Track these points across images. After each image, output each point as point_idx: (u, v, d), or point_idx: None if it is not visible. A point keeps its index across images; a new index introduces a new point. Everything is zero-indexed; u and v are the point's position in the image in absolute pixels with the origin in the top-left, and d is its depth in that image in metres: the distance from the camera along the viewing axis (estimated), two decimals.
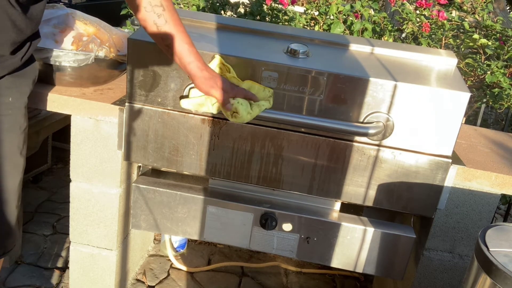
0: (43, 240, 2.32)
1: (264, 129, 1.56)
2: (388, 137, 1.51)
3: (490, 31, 2.81)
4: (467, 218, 1.64)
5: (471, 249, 1.68)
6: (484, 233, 1.19)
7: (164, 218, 1.74)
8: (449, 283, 1.73)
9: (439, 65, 1.62)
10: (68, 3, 4.44)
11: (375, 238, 1.65)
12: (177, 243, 2.31)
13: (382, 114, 1.49)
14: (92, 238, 1.83)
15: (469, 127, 2.02)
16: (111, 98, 1.69)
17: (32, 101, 1.51)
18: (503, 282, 1.06)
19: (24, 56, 1.34)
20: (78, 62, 1.65)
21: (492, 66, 2.45)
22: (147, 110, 1.59)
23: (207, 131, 1.58)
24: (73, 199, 1.79)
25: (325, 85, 1.48)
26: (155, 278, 2.17)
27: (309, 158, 1.57)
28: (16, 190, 1.41)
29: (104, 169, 1.73)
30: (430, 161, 1.53)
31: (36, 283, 2.05)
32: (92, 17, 1.83)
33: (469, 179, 1.59)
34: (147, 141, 1.63)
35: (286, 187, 1.62)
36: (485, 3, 2.88)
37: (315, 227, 1.67)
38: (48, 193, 2.73)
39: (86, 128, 1.69)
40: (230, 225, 1.71)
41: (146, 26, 1.36)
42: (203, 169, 1.63)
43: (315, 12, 2.54)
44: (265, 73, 1.49)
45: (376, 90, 1.47)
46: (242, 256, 2.39)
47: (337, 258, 1.70)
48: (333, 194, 1.61)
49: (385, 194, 1.58)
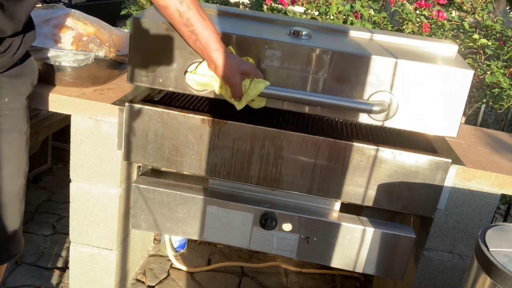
0: (43, 240, 2.32)
1: (264, 129, 1.56)
2: (392, 117, 1.49)
3: (490, 31, 2.81)
4: (467, 218, 1.64)
5: (471, 249, 1.68)
6: (484, 233, 1.19)
7: (164, 218, 1.74)
8: (449, 283, 1.73)
9: (441, 50, 1.62)
10: (68, 3, 4.44)
11: (375, 238, 1.65)
12: (177, 243, 2.31)
13: (386, 94, 1.46)
14: (92, 238, 1.83)
15: (469, 127, 2.02)
16: (111, 98, 1.69)
17: (32, 101, 1.50)
18: (503, 282, 1.06)
19: (15, 54, 1.30)
20: (78, 62, 1.65)
21: (492, 66, 2.45)
22: (147, 110, 1.59)
23: (207, 131, 1.58)
24: (73, 199, 1.79)
25: (328, 64, 1.46)
26: (155, 278, 2.17)
27: (309, 158, 1.57)
28: (17, 193, 1.39)
29: (104, 169, 1.73)
30: (430, 161, 1.53)
31: (36, 283, 2.05)
32: (92, 17, 1.83)
33: (469, 179, 1.59)
34: (147, 141, 1.63)
35: (286, 187, 1.62)
36: (485, 3, 2.88)
37: (315, 227, 1.67)
38: (48, 193, 2.73)
39: (86, 128, 1.69)
40: (230, 225, 1.71)
41: (168, 14, 1.38)
42: (203, 169, 1.63)
43: (315, 12, 2.54)
44: (268, 51, 1.47)
45: (379, 68, 1.45)
46: (242, 256, 2.39)
47: (337, 258, 1.70)
48: (333, 194, 1.61)
49: (385, 194, 1.58)
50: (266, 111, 1.55)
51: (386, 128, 1.79)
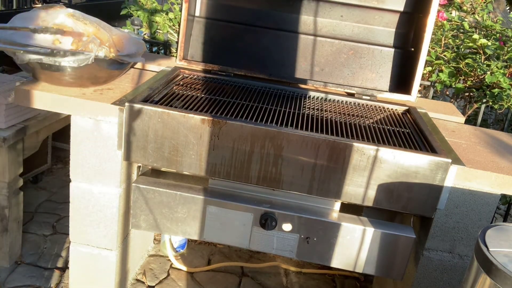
0: (43, 240, 2.32)
1: (264, 129, 1.56)
2: None
3: (490, 31, 2.81)
4: (467, 218, 1.64)
5: (471, 249, 1.68)
6: (484, 233, 1.19)
7: (164, 218, 1.74)
8: (449, 283, 1.73)
9: None
10: (68, 3, 4.45)
11: (375, 238, 1.65)
12: (177, 243, 2.31)
13: None
14: (92, 238, 1.83)
15: (469, 127, 2.02)
16: (111, 98, 1.69)
17: (32, 101, 1.50)
18: (503, 282, 1.06)
19: None
20: (78, 62, 1.65)
21: (492, 66, 2.45)
22: (147, 110, 1.59)
23: (207, 131, 1.58)
24: (73, 199, 1.79)
25: None
26: (155, 278, 2.17)
27: (309, 158, 1.57)
28: None
29: (104, 169, 1.73)
30: (430, 161, 1.53)
31: (36, 283, 2.05)
32: (92, 17, 1.83)
33: (469, 179, 1.59)
34: (147, 141, 1.63)
35: (286, 187, 1.62)
36: (485, 3, 2.89)
37: (315, 227, 1.67)
38: (48, 193, 2.73)
39: (86, 128, 1.69)
40: (230, 225, 1.71)
41: None
42: (203, 169, 1.63)
43: None
44: None
45: None
46: (242, 256, 2.39)
47: (337, 258, 1.70)
48: (333, 194, 1.61)
49: (385, 194, 1.58)
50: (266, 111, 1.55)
51: (386, 128, 1.79)
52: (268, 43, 2.17)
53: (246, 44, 2.18)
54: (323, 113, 1.85)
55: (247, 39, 2.18)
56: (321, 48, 2.16)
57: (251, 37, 2.18)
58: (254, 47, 2.18)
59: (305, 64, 2.17)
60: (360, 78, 2.16)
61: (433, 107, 2.15)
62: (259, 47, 2.18)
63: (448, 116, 2.08)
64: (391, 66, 2.15)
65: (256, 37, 2.17)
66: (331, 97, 2.05)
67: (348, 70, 2.16)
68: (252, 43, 2.18)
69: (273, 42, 2.17)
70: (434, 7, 1.96)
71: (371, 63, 2.16)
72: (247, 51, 2.18)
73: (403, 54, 2.14)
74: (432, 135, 1.72)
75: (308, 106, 1.92)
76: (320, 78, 2.17)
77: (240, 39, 2.18)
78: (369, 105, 2.03)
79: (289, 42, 2.16)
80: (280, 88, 2.07)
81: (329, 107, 1.95)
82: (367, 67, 2.16)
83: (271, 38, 2.17)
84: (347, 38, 2.17)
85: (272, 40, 2.17)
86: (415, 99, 2.05)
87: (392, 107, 2.03)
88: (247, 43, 2.18)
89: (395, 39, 2.16)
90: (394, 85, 2.15)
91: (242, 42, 2.18)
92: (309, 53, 2.16)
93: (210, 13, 2.19)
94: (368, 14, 2.14)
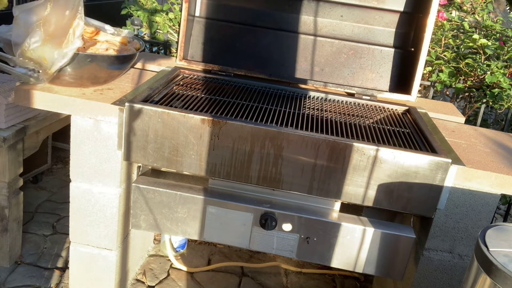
0: (43, 240, 2.32)
1: (264, 129, 1.56)
2: None
3: (490, 31, 2.81)
4: (467, 218, 1.64)
5: (471, 249, 1.68)
6: (484, 233, 1.19)
7: (164, 218, 1.74)
8: (449, 283, 1.73)
9: None
10: None
11: (375, 238, 1.65)
12: (177, 243, 2.31)
13: None
14: (92, 238, 1.83)
15: (469, 127, 2.02)
16: (111, 98, 1.69)
17: (32, 101, 1.50)
18: (503, 282, 1.06)
19: None
20: (78, 62, 1.65)
21: (492, 66, 2.45)
22: (147, 110, 1.59)
23: (207, 131, 1.58)
24: (73, 199, 1.79)
25: None
26: (155, 278, 2.17)
27: (309, 158, 1.57)
28: None
29: (104, 169, 1.73)
30: (430, 161, 1.53)
31: (36, 283, 2.05)
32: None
33: (469, 179, 1.59)
34: (147, 141, 1.63)
35: (286, 187, 1.62)
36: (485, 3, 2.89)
37: (315, 227, 1.67)
38: (48, 193, 2.73)
39: (86, 128, 1.69)
40: (230, 225, 1.71)
41: None
42: (203, 169, 1.63)
43: None
44: None
45: None
46: (242, 256, 2.39)
47: (337, 258, 1.70)
48: (333, 194, 1.61)
49: (385, 194, 1.58)
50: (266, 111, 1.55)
51: (386, 128, 1.79)
52: (268, 43, 2.17)
53: (246, 44, 2.18)
54: (323, 113, 1.85)
55: (247, 39, 2.18)
56: (321, 48, 2.16)
57: (251, 37, 2.18)
58: (254, 47, 2.18)
59: (305, 64, 2.17)
60: (360, 78, 2.16)
61: (433, 107, 2.15)
62: (259, 47, 2.18)
63: (448, 116, 2.09)
64: (391, 66, 2.16)
65: (256, 37, 2.18)
66: (331, 97, 2.05)
67: (348, 70, 2.16)
68: (252, 43, 2.18)
69: (273, 42, 2.17)
70: (434, 7, 1.96)
71: (371, 63, 2.16)
72: (247, 51, 2.18)
73: (403, 54, 2.14)
74: (432, 135, 1.72)
75: (308, 106, 1.92)
76: (320, 78, 2.17)
77: (240, 39, 2.19)
78: (369, 105, 2.03)
79: (289, 42, 2.17)
80: (280, 88, 2.07)
81: (329, 107, 1.95)
82: (367, 67, 2.16)
83: (271, 38, 2.17)
84: (347, 38, 2.17)
85: (272, 40, 2.17)
86: (415, 99, 2.06)
87: (392, 107, 2.03)
88: (247, 43, 2.18)
89: (395, 39, 2.16)
90: (394, 85, 2.15)
91: (242, 42, 2.18)
92: (309, 53, 2.16)
93: (210, 13, 2.19)
94: (368, 14, 2.14)
